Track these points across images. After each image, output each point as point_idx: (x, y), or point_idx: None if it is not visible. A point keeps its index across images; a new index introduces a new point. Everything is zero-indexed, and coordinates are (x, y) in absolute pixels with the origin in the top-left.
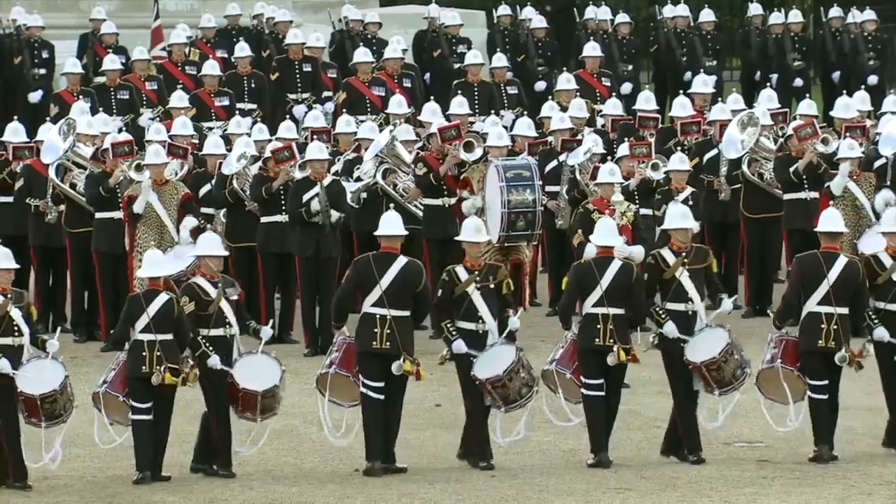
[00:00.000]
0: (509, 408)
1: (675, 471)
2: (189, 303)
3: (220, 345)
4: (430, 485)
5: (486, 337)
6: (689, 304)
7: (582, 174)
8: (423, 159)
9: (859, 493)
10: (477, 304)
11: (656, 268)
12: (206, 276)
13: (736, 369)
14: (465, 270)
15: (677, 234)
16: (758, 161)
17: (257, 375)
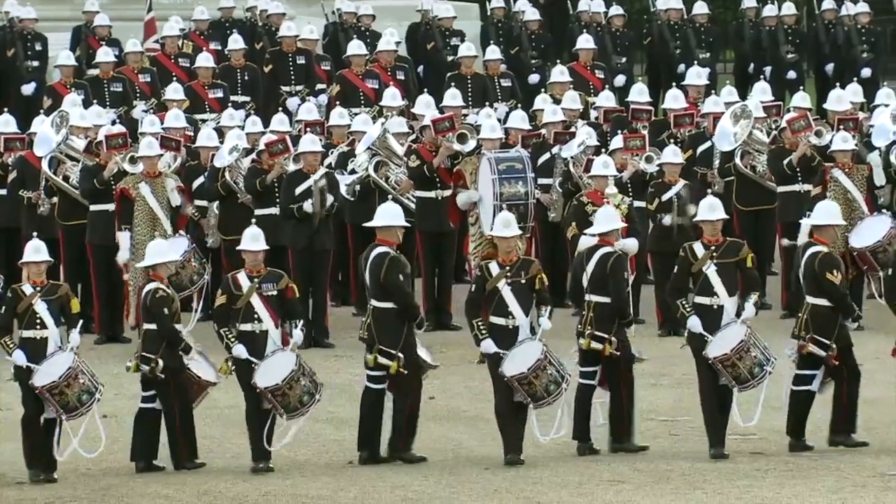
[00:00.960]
0: (538, 405)
1: (668, 463)
2: (221, 296)
3: (247, 340)
4: (424, 477)
5: (516, 332)
6: (714, 299)
7: (576, 167)
8: (416, 151)
9: (852, 485)
10: (507, 299)
11: (686, 261)
12: (247, 269)
13: (753, 367)
14: (496, 265)
15: (705, 227)
16: (751, 153)
17: (270, 372)
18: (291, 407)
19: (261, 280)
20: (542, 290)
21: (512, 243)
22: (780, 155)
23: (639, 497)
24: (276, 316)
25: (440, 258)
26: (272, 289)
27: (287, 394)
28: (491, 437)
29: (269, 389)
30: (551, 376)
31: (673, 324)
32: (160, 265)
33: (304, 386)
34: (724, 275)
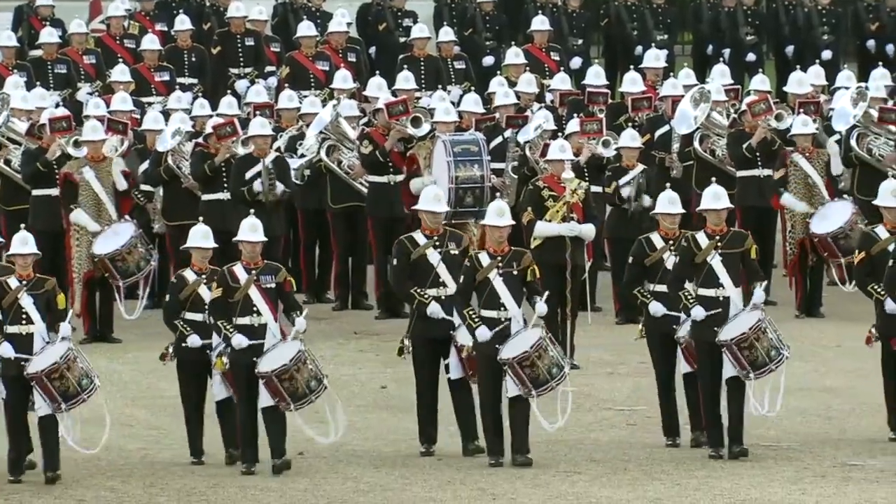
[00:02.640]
0: (540, 391)
1: (625, 453)
2: (216, 288)
3: (245, 333)
4: (376, 468)
5: (508, 325)
6: (719, 290)
7: (532, 151)
8: (368, 136)
9: (812, 476)
10: (499, 290)
11: (689, 251)
12: (243, 261)
13: (770, 349)
14: (487, 256)
15: (709, 216)
16: (710, 137)
17: (275, 358)
18: (300, 394)
19: (259, 272)
20: (533, 282)
21: (504, 233)
22: (740, 139)
23: (595, 488)
24: (274, 309)
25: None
26: (271, 281)
27: (295, 377)
28: (445, 426)
29: (277, 373)
30: (553, 359)
31: (630, 311)
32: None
33: (311, 370)
34: (728, 265)
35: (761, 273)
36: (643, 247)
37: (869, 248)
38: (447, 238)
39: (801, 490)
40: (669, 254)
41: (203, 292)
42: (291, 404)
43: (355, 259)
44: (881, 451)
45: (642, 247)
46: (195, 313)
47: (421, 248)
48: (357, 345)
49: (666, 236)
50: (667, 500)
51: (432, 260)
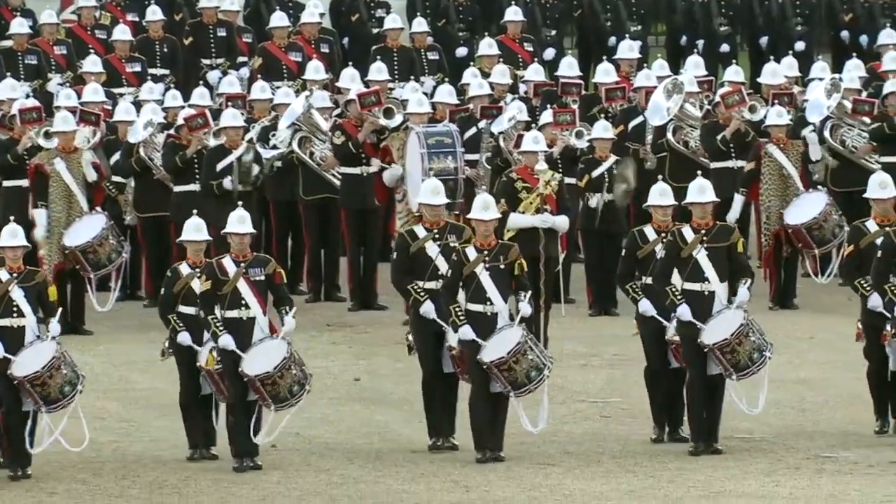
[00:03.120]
0: (518, 393)
1: (599, 445)
2: (205, 281)
3: (233, 327)
4: (349, 461)
5: (495, 319)
6: (705, 285)
7: (505, 142)
8: (340, 127)
9: (786, 468)
10: (485, 284)
11: (674, 245)
12: (232, 254)
13: (753, 352)
14: (474, 250)
15: (694, 210)
16: (683, 129)
17: (260, 360)
18: (281, 397)
19: (248, 265)
20: (520, 276)
21: (490, 227)
22: (713, 130)
23: (569, 480)
24: (263, 302)
25: (366, 236)
26: (259, 274)
27: (278, 382)
28: (418, 419)
29: (259, 378)
30: (532, 362)
31: (604, 303)
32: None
33: (294, 375)
34: (714, 260)
35: (749, 268)
36: (636, 239)
37: (858, 242)
38: (447, 231)
39: (775, 482)
40: (662, 246)
41: (196, 286)
42: (273, 405)
43: (328, 251)
44: (855, 442)
45: (635, 239)
46: (189, 307)
47: (420, 241)
48: (330, 337)
49: (659, 228)
50: (641, 493)
51: (431, 252)
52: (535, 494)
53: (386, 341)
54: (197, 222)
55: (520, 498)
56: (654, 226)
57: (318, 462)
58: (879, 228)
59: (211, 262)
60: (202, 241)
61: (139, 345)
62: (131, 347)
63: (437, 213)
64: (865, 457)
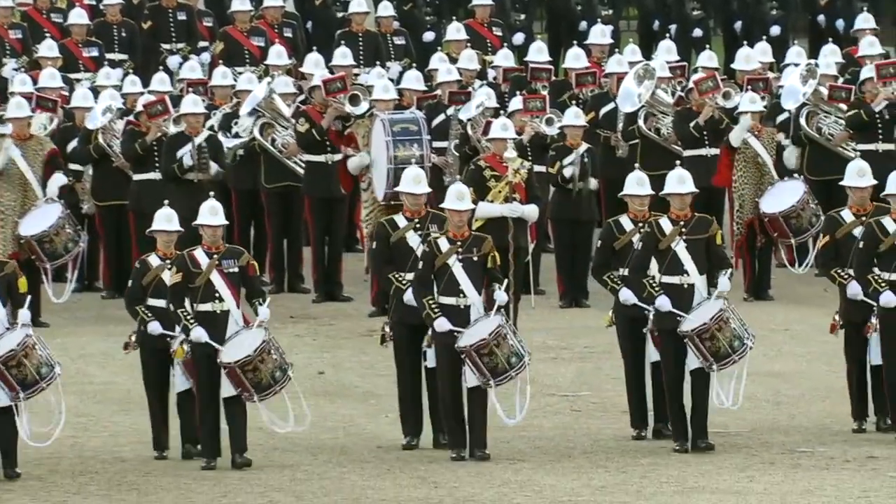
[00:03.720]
0: (499, 380)
1: (570, 440)
2: (176, 273)
3: (206, 320)
4: (314, 456)
5: (468, 312)
6: (683, 277)
7: (473, 129)
8: (304, 113)
9: (761, 463)
10: (458, 276)
11: (652, 237)
12: (204, 245)
13: (734, 339)
14: (447, 241)
15: (673, 201)
16: (655, 116)
17: (238, 348)
18: (264, 384)
19: (221, 256)
20: (493, 269)
21: (464, 217)
22: (686, 117)
23: (539, 476)
24: (237, 295)
25: (330, 226)
26: (233, 265)
27: (259, 367)
28: (384, 413)
29: (240, 364)
30: (512, 348)
31: (574, 294)
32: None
33: (275, 360)
34: (693, 252)
35: (728, 260)
36: (612, 230)
37: (833, 232)
38: (429, 220)
39: (749, 477)
40: (639, 237)
41: (167, 278)
42: (255, 395)
43: (291, 241)
44: (831, 437)
45: (611, 230)
46: (158, 299)
47: (401, 231)
48: (294, 329)
49: (635, 219)
50: (612, 488)
51: (412, 243)
52: (505, 490)
53: (351, 333)
54: (168, 212)
55: (488, 494)
56: (630, 216)
57: (282, 457)
58: (856, 218)
59: (182, 254)
60: (173, 232)
61: (96, 337)
62: (88, 340)
63: (419, 202)
64: (842, 451)
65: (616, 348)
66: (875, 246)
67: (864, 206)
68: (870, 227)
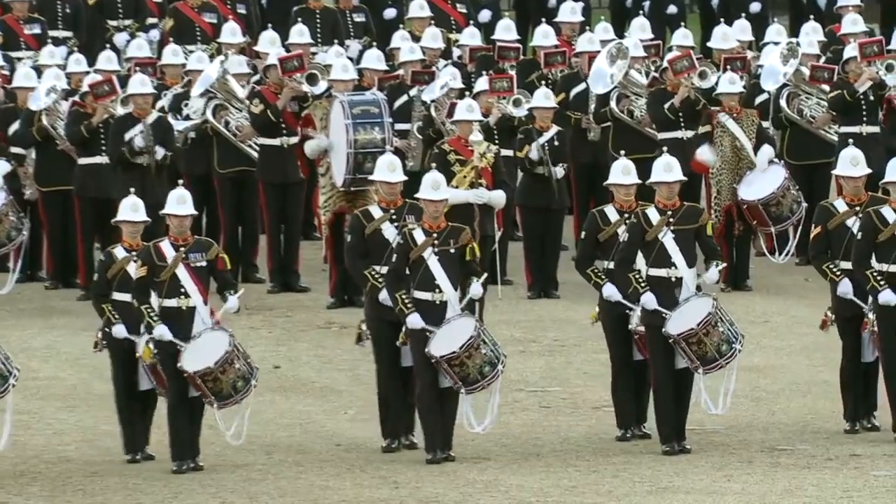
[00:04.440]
0: (470, 389)
1: (538, 438)
2: (141, 267)
3: (171, 317)
4: (268, 455)
5: (444, 308)
6: (671, 270)
7: (437, 111)
8: (259, 94)
9: (738, 461)
10: (434, 270)
11: (638, 227)
12: (170, 237)
13: (721, 343)
14: (422, 232)
15: (660, 190)
16: (628, 97)
17: (200, 354)
18: (224, 394)
19: (188, 249)
20: (472, 262)
21: (440, 207)
22: (661, 98)
23: (505, 475)
24: (204, 290)
25: (286, 212)
26: (201, 259)
27: (219, 378)
28: (342, 410)
29: (200, 374)
30: (486, 357)
31: (543, 285)
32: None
33: (237, 370)
34: (681, 243)
35: (718, 252)
36: (596, 220)
37: (826, 222)
38: (406, 211)
39: (727, 476)
40: (625, 228)
41: (132, 270)
42: (215, 402)
43: (245, 228)
44: (812, 434)
45: (595, 220)
46: (124, 294)
47: (376, 222)
48: (248, 321)
49: (621, 209)
50: (583, 488)
51: (388, 235)
52: (469, 491)
53: (308, 326)
54: (133, 201)
55: (452, 495)
56: (615, 206)
57: (235, 456)
58: (849, 208)
59: (148, 246)
60: (139, 223)
61: (40, 330)
62: (31, 333)
63: (395, 191)
64: (824, 449)
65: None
66: (874, 237)
67: (859, 195)
68: (868, 217)
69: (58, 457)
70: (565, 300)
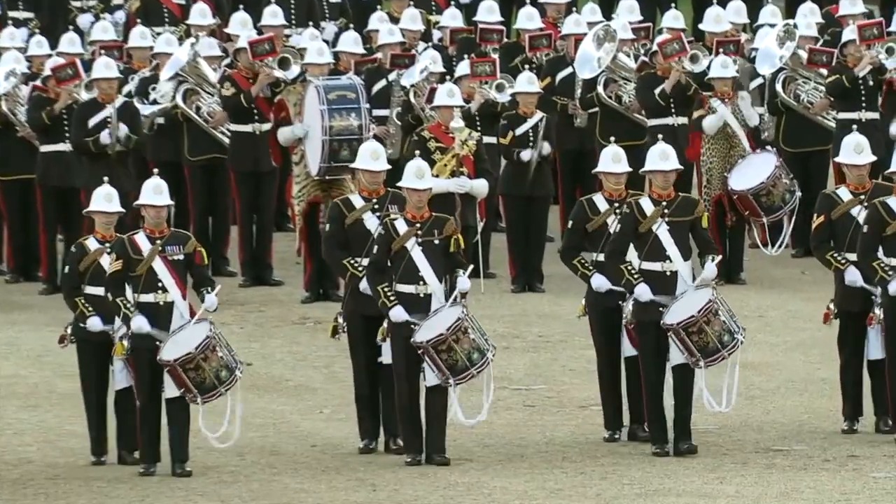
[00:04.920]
0: (459, 379)
1: (522, 438)
2: (115, 260)
3: (148, 313)
4: (241, 457)
5: (428, 301)
6: (666, 264)
7: (417, 96)
8: (230, 78)
9: (732, 463)
10: (418, 262)
11: (631, 218)
12: (146, 229)
13: (723, 333)
14: (405, 223)
15: (655, 179)
16: (616, 82)
17: (179, 344)
18: (207, 385)
19: (164, 242)
20: (457, 253)
21: (424, 196)
22: (651, 83)
23: (488, 477)
24: (182, 284)
25: (258, 202)
26: (178, 252)
27: (201, 366)
28: (318, 409)
29: (180, 362)
30: (474, 343)
31: (528, 278)
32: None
33: (221, 358)
34: (676, 235)
35: (714, 245)
36: (584, 209)
37: (829, 211)
38: (388, 201)
39: (720, 479)
40: (615, 218)
41: (105, 263)
42: (199, 397)
43: (216, 219)
44: (809, 434)
45: (583, 209)
46: (96, 287)
47: (357, 212)
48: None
49: (610, 198)
50: (569, 491)
51: (369, 225)
52: (451, 493)
53: (282, 321)
54: (108, 191)
55: (432, 498)
56: (604, 195)
57: (205, 458)
58: (853, 197)
59: (122, 239)
60: (113, 213)
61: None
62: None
63: (377, 180)
64: (821, 450)
65: (573, 337)
66: (881, 229)
67: (863, 183)
68: (874, 209)
69: (18, 458)
70: (550, 294)
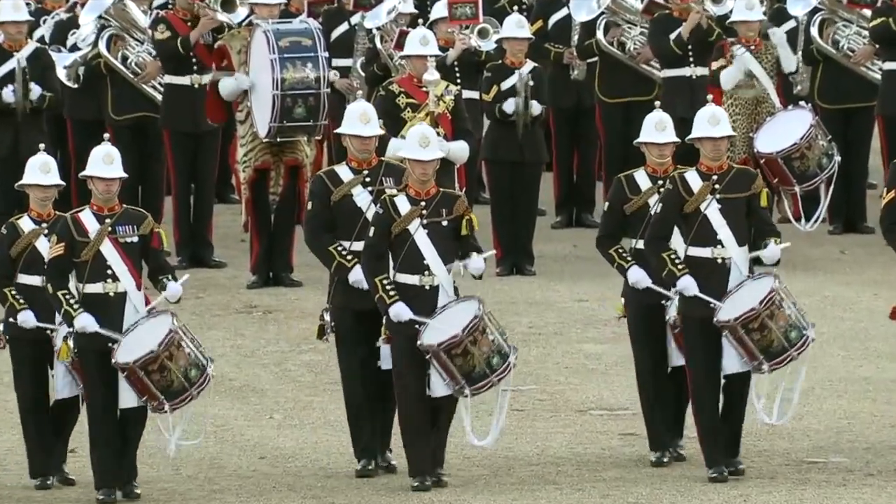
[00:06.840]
0: (476, 388)
1: (509, 448)
2: (57, 244)
3: (96, 305)
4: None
5: (435, 294)
6: (717, 249)
7: (384, 42)
8: (164, 20)
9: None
10: (422, 247)
11: (675, 196)
12: (93, 206)
13: (789, 329)
14: (407, 200)
15: (704, 148)
16: (619, 26)
17: (137, 344)
18: (176, 388)
19: (114, 221)
20: (469, 237)
21: (430, 169)
22: (665, 27)
23: (469, 495)
24: (136, 272)
25: (197, 168)
26: (131, 233)
27: (167, 366)
28: (267, 414)
29: (141, 363)
30: (494, 344)
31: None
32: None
33: (188, 354)
34: (729, 216)
35: (775, 227)
36: (623, 188)
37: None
38: (381, 172)
39: (743, 497)
40: (658, 198)
41: (42, 246)
42: (166, 403)
43: (146, 188)
44: (848, 444)
45: (622, 188)
46: (32, 276)
47: (344, 187)
48: None
49: (654, 174)
50: None
51: (360, 202)
52: None
53: (224, 310)
54: (44, 160)
55: None
56: (647, 170)
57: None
58: None
59: (64, 218)
60: (51, 187)
61: None
62: None
63: (369, 147)
64: (864, 463)
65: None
66: None
67: None
68: None
69: None
70: (542, 277)
